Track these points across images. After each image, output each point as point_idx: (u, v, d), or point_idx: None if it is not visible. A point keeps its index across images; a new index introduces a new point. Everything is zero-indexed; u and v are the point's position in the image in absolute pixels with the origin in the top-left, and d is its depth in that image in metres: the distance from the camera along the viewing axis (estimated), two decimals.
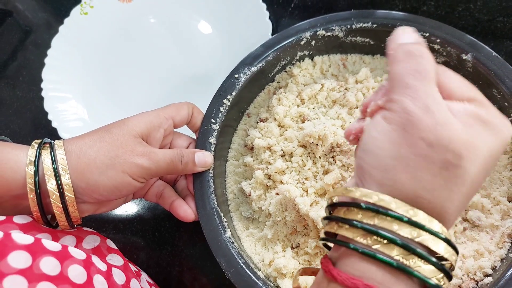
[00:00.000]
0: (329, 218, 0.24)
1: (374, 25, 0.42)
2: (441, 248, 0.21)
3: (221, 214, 0.38)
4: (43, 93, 0.53)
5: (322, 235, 0.25)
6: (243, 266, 0.35)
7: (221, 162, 0.43)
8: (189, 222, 0.39)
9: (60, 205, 0.32)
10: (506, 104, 0.37)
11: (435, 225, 0.21)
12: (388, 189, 0.22)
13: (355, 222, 0.22)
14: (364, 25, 0.42)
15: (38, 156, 0.32)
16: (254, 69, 0.43)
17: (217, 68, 0.55)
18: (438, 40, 0.40)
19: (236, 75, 0.43)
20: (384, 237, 0.21)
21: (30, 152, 0.32)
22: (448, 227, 0.22)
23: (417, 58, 0.22)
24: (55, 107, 0.53)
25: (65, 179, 0.32)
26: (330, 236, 0.24)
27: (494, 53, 0.38)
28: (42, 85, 0.54)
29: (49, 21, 0.65)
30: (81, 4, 0.59)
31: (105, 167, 0.33)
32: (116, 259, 0.36)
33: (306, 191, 0.40)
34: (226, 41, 0.56)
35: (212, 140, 0.41)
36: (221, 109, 0.42)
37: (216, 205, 0.38)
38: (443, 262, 0.21)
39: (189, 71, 0.56)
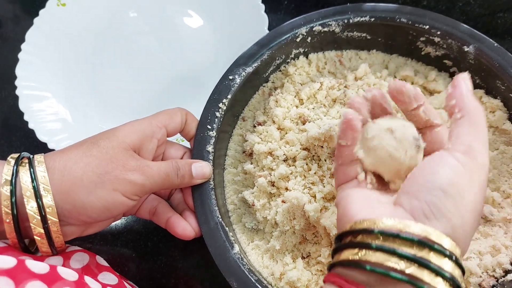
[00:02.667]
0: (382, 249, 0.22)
1: (372, 19, 0.40)
2: None
3: (227, 229, 0.35)
4: (17, 91, 0.47)
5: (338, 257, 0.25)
6: (256, 284, 0.32)
7: (219, 171, 0.40)
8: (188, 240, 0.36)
9: (42, 230, 0.28)
10: (511, 95, 0.37)
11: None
12: (454, 235, 0.22)
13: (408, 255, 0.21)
14: (361, 19, 0.41)
15: (16, 174, 0.28)
16: (249, 69, 0.40)
17: (208, 66, 0.51)
18: (438, 33, 0.39)
19: (230, 77, 0.40)
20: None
21: (5, 169, 0.28)
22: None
23: (483, 122, 0.25)
24: (31, 106, 0.47)
25: (48, 200, 0.28)
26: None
27: (496, 44, 0.37)
28: (16, 83, 0.48)
29: (17, 13, 0.59)
30: None
31: (94, 185, 0.29)
32: (110, 277, 0.33)
33: (314, 197, 0.37)
34: (219, 37, 0.52)
35: (210, 148, 0.38)
36: (217, 114, 0.39)
37: (220, 219, 0.35)
38: None
39: (178, 67, 0.52)
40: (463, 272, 0.23)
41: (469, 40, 0.38)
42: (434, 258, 0.21)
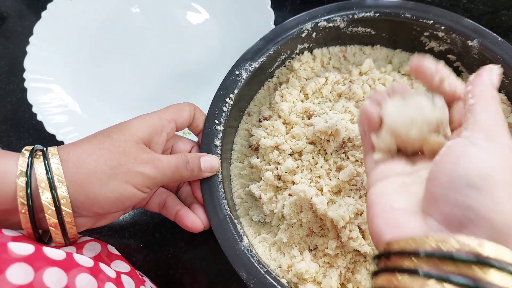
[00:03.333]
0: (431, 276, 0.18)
1: (377, 14, 0.41)
2: None
3: (235, 221, 0.36)
4: (25, 84, 0.48)
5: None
6: (266, 275, 0.33)
7: (226, 165, 0.41)
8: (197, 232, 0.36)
9: (56, 220, 0.29)
10: None
11: None
12: (503, 237, 0.19)
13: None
14: (366, 14, 0.41)
15: (31, 166, 0.28)
16: (256, 64, 0.41)
17: (214, 60, 0.51)
18: (442, 27, 0.39)
19: (237, 72, 0.40)
20: None
21: (20, 161, 0.28)
22: None
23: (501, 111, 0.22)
24: (39, 99, 0.47)
25: (62, 192, 0.28)
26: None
27: (500, 38, 0.38)
28: (25, 75, 0.48)
29: (22, 8, 0.59)
30: None
31: (107, 177, 0.30)
32: (122, 266, 0.33)
33: (321, 190, 0.38)
34: (224, 32, 0.52)
35: (218, 142, 0.38)
36: (224, 108, 0.39)
37: (229, 212, 0.36)
38: None
39: (184, 61, 0.52)
40: None
41: (473, 35, 0.38)
42: (494, 277, 0.17)
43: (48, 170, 0.28)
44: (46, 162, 0.29)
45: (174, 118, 0.36)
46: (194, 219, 0.36)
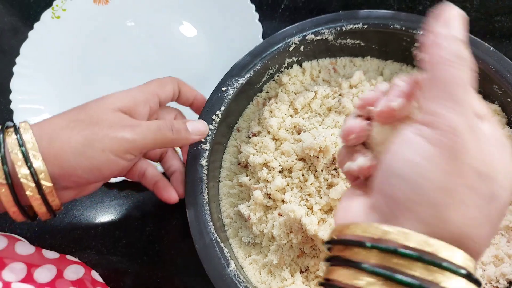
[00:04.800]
0: (335, 259, 0.20)
1: (365, 26, 0.40)
2: None
3: (222, 245, 0.34)
4: (12, 106, 0.47)
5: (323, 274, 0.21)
6: None
7: (214, 184, 0.40)
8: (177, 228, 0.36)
9: (38, 195, 0.28)
10: (509, 99, 0.36)
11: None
12: (434, 229, 0.18)
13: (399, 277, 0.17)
14: (354, 26, 0.40)
15: (3, 142, 0.28)
16: (242, 80, 0.40)
17: (204, 74, 0.50)
18: None
19: (223, 88, 0.39)
20: None
21: None
22: (478, 261, 0.20)
23: (467, 67, 0.18)
24: (26, 120, 0.46)
25: (39, 166, 0.27)
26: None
27: (492, 48, 0.36)
28: (11, 97, 0.48)
29: (16, 26, 0.58)
30: (52, 7, 0.53)
31: (81, 146, 0.29)
32: None
33: (311, 209, 0.37)
34: (213, 46, 0.51)
35: (204, 162, 0.37)
36: (211, 126, 0.38)
37: (216, 235, 0.34)
38: None
39: (175, 75, 0.51)
40: (478, 283, 0.18)
41: None
42: (444, 281, 0.17)
43: (21, 145, 0.27)
44: (18, 137, 0.28)
45: (157, 93, 0.35)
46: (171, 192, 0.36)
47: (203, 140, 0.38)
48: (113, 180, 0.43)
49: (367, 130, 0.23)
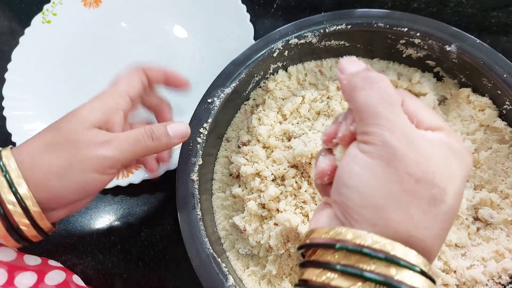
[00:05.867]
0: (309, 264, 0.21)
1: (349, 26, 0.39)
2: None
3: (219, 260, 0.34)
4: (5, 112, 0.47)
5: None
6: None
7: (206, 197, 0.39)
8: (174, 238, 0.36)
9: (27, 220, 0.28)
10: (499, 92, 0.36)
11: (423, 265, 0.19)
12: (381, 229, 0.20)
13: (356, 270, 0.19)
14: (338, 27, 0.39)
15: None
16: (228, 90, 0.39)
17: (197, 75, 0.49)
18: (417, 34, 0.38)
19: (209, 100, 0.39)
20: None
21: None
22: (432, 260, 0.21)
23: (378, 84, 0.21)
24: (20, 127, 0.46)
25: (24, 192, 0.28)
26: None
27: (479, 41, 0.36)
28: (4, 103, 0.47)
29: (9, 31, 0.57)
30: (42, 12, 0.52)
31: (64, 170, 0.29)
32: None
33: (307, 216, 0.36)
34: (205, 47, 0.51)
35: (194, 176, 0.36)
36: (199, 139, 0.37)
37: (212, 250, 0.34)
38: None
39: None
40: (433, 280, 0.20)
41: (450, 39, 0.37)
42: (404, 277, 0.19)
43: (5, 172, 0.28)
44: (2, 165, 0.28)
45: (126, 91, 0.33)
46: (153, 164, 0.39)
47: (192, 153, 0.37)
48: (107, 185, 0.43)
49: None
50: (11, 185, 0.28)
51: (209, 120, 0.38)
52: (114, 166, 0.31)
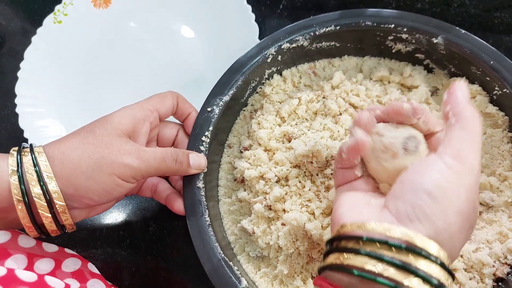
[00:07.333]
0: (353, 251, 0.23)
1: (338, 27, 0.41)
2: None
3: (231, 263, 0.34)
4: (17, 109, 0.48)
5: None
6: None
7: (213, 204, 0.40)
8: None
9: (49, 214, 0.30)
10: (487, 78, 0.37)
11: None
12: (439, 238, 0.22)
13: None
14: (327, 29, 0.41)
15: (20, 164, 0.30)
16: (226, 97, 0.40)
17: (203, 74, 0.51)
18: (404, 29, 0.39)
19: (209, 109, 0.40)
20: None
21: (10, 160, 0.30)
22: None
23: (479, 129, 0.24)
24: (32, 124, 0.48)
25: (52, 187, 0.30)
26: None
27: (464, 31, 0.37)
28: (16, 101, 0.49)
29: (23, 30, 0.59)
30: (54, 12, 0.54)
31: (91, 170, 0.31)
32: (98, 285, 0.34)
33: (313, 214, 0.37)
34: (211, 47, 0.52)
35: (200, 184, 0.37)
36: (202, 148, 0.38)
37: (223, 255, 0.34)
38: None
39: (174, 77, 0.52)
40: (452, 275, 0.22)
41: (436, 31, 0.38)
42: (421, 264, 0.21)
43: (35, 165, 0.30)
44: (33, 158, 0.30)
45: (157, 108, 0.36)
46: (180, 204, 0.38)
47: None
48: None
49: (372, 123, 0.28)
50: (39, 178, 0.29)
51: (210, 128, 0.39)
52: (137, 176, 0.33)
